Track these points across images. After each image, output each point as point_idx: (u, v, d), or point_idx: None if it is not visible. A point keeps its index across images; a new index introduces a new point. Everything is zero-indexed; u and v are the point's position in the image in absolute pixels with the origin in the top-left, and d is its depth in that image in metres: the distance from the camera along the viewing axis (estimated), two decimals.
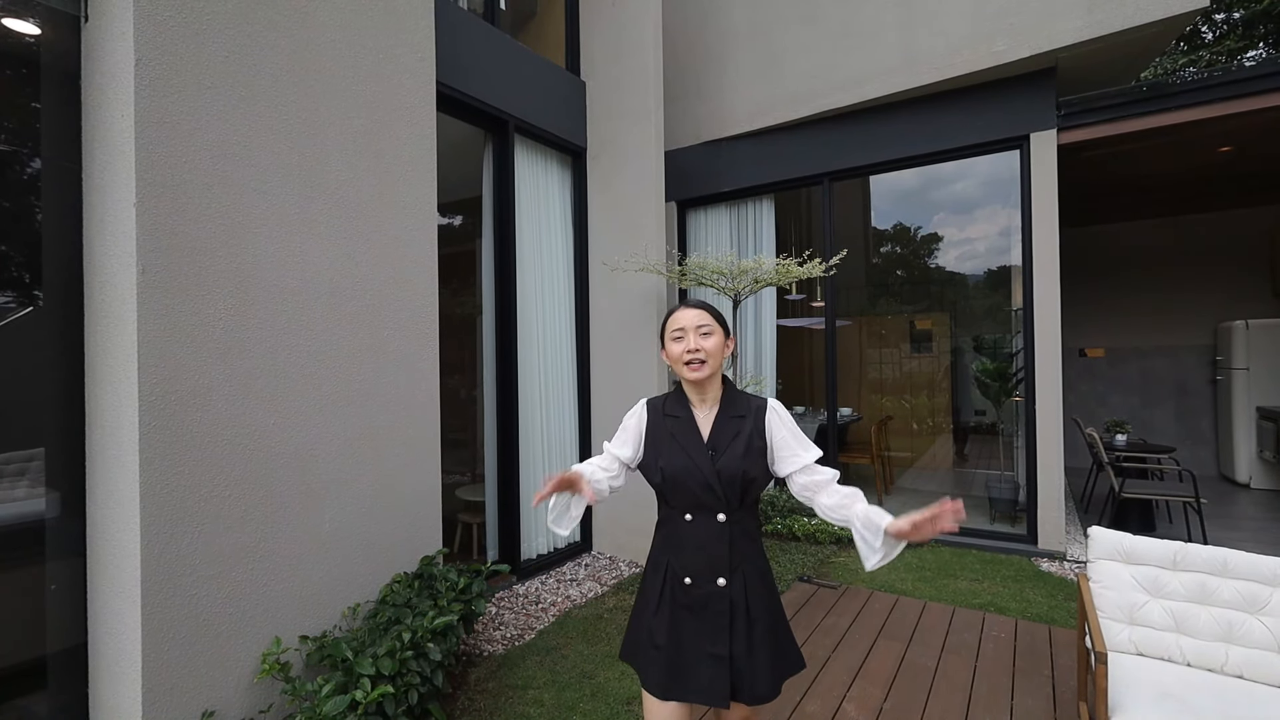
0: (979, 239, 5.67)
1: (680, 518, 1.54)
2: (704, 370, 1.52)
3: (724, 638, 1.48)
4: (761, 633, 1.51)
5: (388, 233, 2.80)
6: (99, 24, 2.04)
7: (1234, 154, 5.08)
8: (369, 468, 2.69)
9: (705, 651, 1.48)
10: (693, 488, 1.49)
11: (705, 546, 1.51)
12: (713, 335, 1.54)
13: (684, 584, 1.52)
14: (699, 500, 1.50)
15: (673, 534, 1.56)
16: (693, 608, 1.51)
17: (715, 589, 1.50)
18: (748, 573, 1.53)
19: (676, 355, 1.55)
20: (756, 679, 1.48)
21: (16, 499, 2.01)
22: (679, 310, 1.58)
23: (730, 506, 1.50)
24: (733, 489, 1.49)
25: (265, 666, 2.17)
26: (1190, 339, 7.21)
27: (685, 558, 1.53)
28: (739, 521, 1.52)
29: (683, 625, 1.52)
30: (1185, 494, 4.48)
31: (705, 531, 1.51)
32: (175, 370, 2.03)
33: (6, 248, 2.05)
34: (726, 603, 1.49)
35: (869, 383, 7.59)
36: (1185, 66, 9.95)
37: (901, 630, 3.24)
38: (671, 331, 1.57)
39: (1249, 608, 2.06)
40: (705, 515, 1.51)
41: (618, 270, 4.47)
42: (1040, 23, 4.18)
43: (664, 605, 1.54)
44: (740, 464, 1.49)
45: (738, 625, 1.50)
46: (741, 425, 1.54)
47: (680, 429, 1.55)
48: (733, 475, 1.48)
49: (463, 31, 3.74)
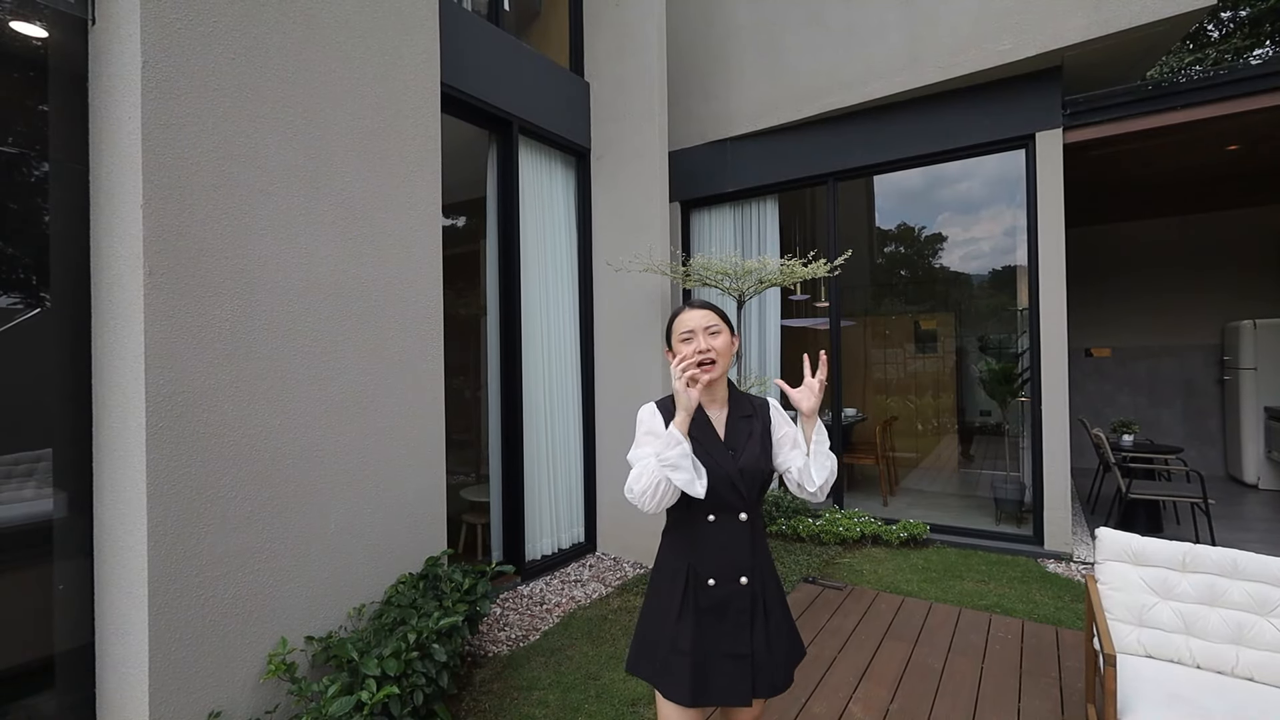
0: (984, 239, 5.65)
1: (703, 519, 1.52)
2: (716, 370, 1.52)
3: (746, 635, 1.49)
4: (776, 627, 1.54)
5: (393, 234, 2.81)
6: (106, 26, 2.05)
7: (1241, 152, 5.05)
8: (374, 468, 2.69)
9: (726, 652, 1.49)
10: (717, 488, 1.48)
11: (728, 547, 1.51)
12: (720, 334, 1.55)
13: (707, 586, 1.51)
14: (723, 500, 1.50)
15: (691, 536, 1.54)
16: (715, 609, 1.51)
17: (738, 588, 1.50)
18: (764, 569, 1.55)
19: (687, 356, 1.52)
20: (775, 672, 1.51)
21: (25, 499, 2.02)
22: (685, 312, 1.58)
23: (749, 504, 1.52)
24: (753, 487, 1.51)
25: (271, 667, 2.17)
26: (1197, 339, 7.17)
27: (708, 559, 1.52)
28: (756, 520, 1.54)
29: (705, 629, 1.51)
30: (1193, 495, 4.46)
31: (728, 532, 1.51)
32: (182, 371, 2.03)
33: (15, 249, 2.06)
34: (748, 600, 1.50)
35: (873, 383, 7.56)
36: (1191, 65, 9.90)
37: (908, 631, 3.23)
38: (680, 334, 1.56)
39: (1259, 609, 2.04)
40: (728, 515, 1.51)
41: (622, 271, 4.47)
42: (1046, 21, 4.16)
43: (687, 611, 1.52)
44: (758, 462, 1.52)
45: (758, 622, 1.51)
46: (752, 425, 1.56)
47: (698, 430, 1.53)
48: (753, 474, 1.50)
49: (467, 32, 3.74)
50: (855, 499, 5.65)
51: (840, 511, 4.99)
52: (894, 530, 4.64)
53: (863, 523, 4.72)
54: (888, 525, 4.72)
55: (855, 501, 5.51)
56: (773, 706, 2.55)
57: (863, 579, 3.98)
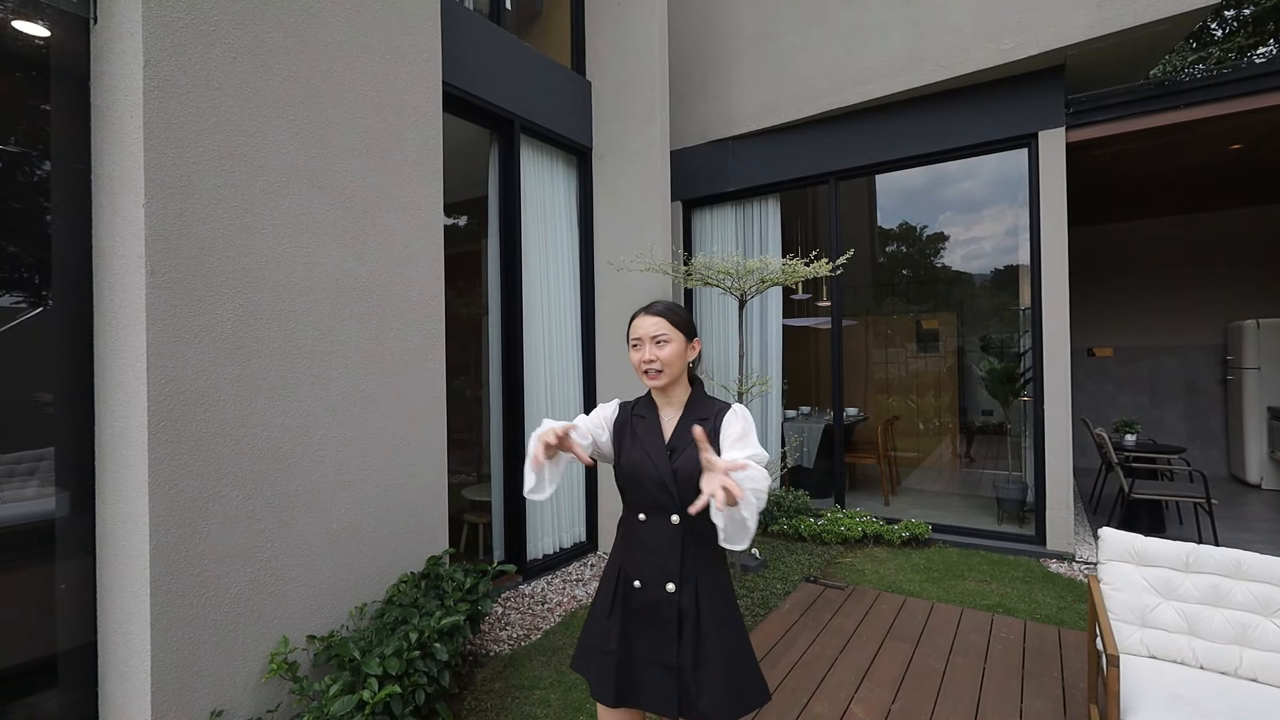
0: (986, 238, 5.64)
1: (635, 518, 1.53)
2: (660, 379, 1.53)
3: (672, 646, 1.45)
4: (712, 649, 1.44)
5: (394, 233, 2.81)
6: (108, 25, 2.05)
7: (1245, 151, 5.04)
8: (375, 468, 2.69)
9: (654, 659, 1.46)
10: (647, 485, 1.49)
11: (656, 549, 1.49)
12: (669, 343, 1.52)
13: (634, 587, 1.51)
14: (653, 499, 1.49)
15: (627, 535, 1.56)
16: (642, 613, 1.49)
17: (664, 594, 1.47)
18: (701, 583, 1.47)
19: (635, 363, 1.56)
20: (703, 695, 1.42)
21: (27, 498, 2.02)
22: (638, 317, 1.58)
23: (684, 508, 1.44)
24: (688, 490, 1.43)
25: (273, 666, 2.17)
26: (1200, 338, 7.15)
27: (636, 559, 1.51)
28: (694, 527, 1.46)
29: (633, 631, 1.50)
30: (1196, 495, 4.45)
31: (657, 533, 1.49)
32: (184, 370, 2.04)
33: (17, 249, 2.06)
34: (675, 610, 1.46)
35: (875, 382, 7.56)
36: (1194, 64, 9.87)
37: (909, 631, 3.22)
38: (630, 340, 1.58)
39: (1263, 610, 2.03)
40: (658, 516, 1.49)
41: (623, 270, 4.46)
42: (1048, 20, 4.15)
43: (616, 609, 1.53)
44: (697, 465, 1.40)
45: (686, 635, 1.45)
46: (703, 428, 1.51)
47: (644, 428, 1.56)
48: (689, 476, 1.44)
49: (469, 32, 3.74)
50: (857, 499, 5.65)
51: (842, 511, 4.99)
52: (896, 530, 4.64)
53: (864, 522, 4.72)
54: (889, 525, 4.72)
55: (857, 501, 5.50)
56: (773, 706, 2.55)
57: (864, 579, 3.97)
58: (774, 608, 3.54)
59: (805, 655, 2.99)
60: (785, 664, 2.91)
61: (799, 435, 5.71)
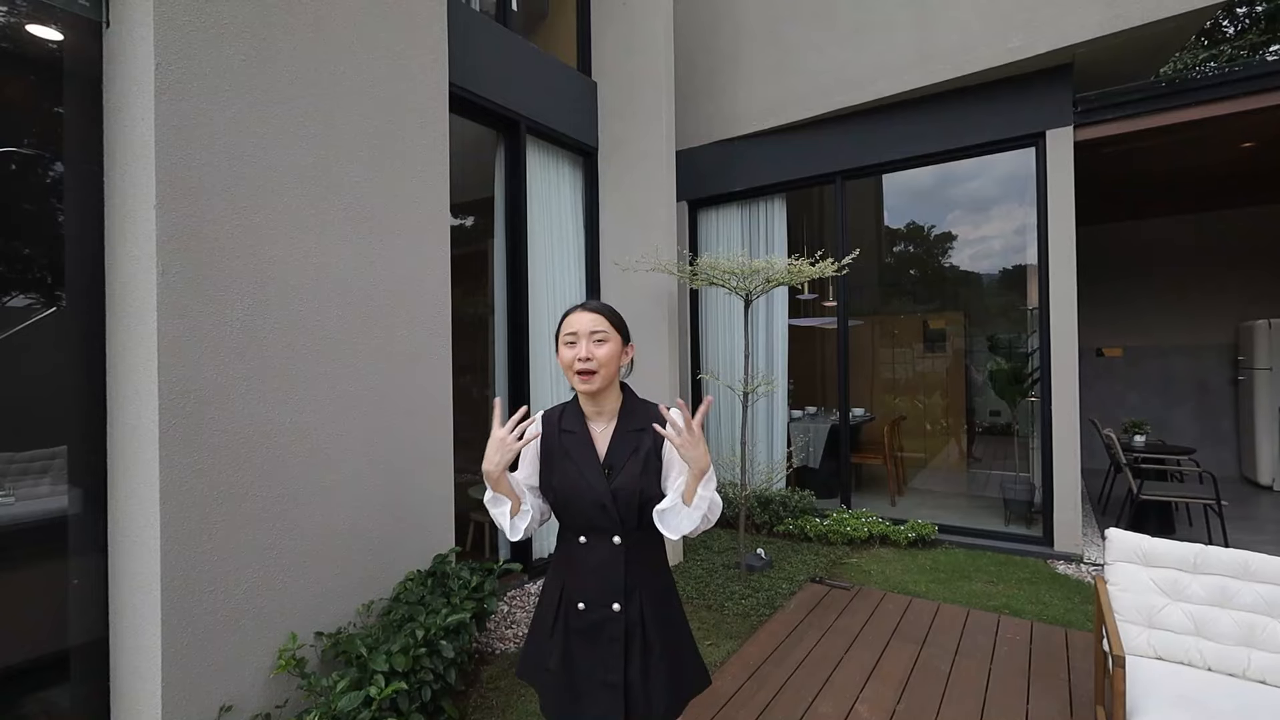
0: (994, 237, 5.62)
1: (574, 540, 1.44)
2: (594, 381, 1.40)
3: (618, 665, 1.39)
4: (659, 657, 1.42)
5: (401, 233, 2.83)
6: (120, 29, 2.08)
7: (1256, 150, 4.99)
8: (383, 466, 2.71)
9: (599, 680, 1.40)
10: (586, 509, 1.40)
11: (599, 570, 1.41)
12: (607, 343, 1.41)
13: (577, 609, 1.42)
14: (593, 522, 1.41)
15: (567, 556, 1.47)
16: (586, 633, 1.42)
17: (610, 614, 1.40)
18: (645, 596, 1.43)
19: (568, 362, 1.42)
20: (652, 700, 1.40)
21: (40, 495, 2.05)
22: (574, 312, 1.45)
23: (626, 528, 1.40)
24: (629, 510, 1.39)
25: (281, 662, 2.19)
26: (1211, 338, 7.09)
27: (579, 581, 1.43)
28: (636, 544, 1.43)
29: (576, 652, 1.43)
30: (1205, 496, 4.41)
31: (600, 555, 1.41)
32: (194, 369, 2.06)
33: (30, 249, 2.09)
34: (621, 629, 1.40)
35: (882, 382, 7.54)
36: (1205, 62, 9.78)
37: (915, 632, 3.22)
38: (564, 335, 1.43)
39: (1271, 612, 2.02)
40: (600, 538, 1.41)
41: (629, 270, 4.47)
42: (1057, 18, 4.12)
43: (558, 629, 1.45)
44: (638, 483, 1.39)
45: (633, 651, 1.40)
46: (640, 440, 1.43)
47: (575, 445, 1.44)
48: (629, 496, 1.38)
49: (475, 33, 3.76)
50: (863, 499, 5.63)
51: (848, 511, 4.98)
52: (902, 530, 4.62)
53: (870, 523, 4.71)
54: (896, 525, 4.71)
55: (863, 501, 5.49)
56: (779, 705, 2.55)
57: (870, 579, 3.97)
58: (779, 607, 3.54)
59: (810, 655, 2.99)
60: (790, 663, 2.91)
61: (805, 435, 5.70)
